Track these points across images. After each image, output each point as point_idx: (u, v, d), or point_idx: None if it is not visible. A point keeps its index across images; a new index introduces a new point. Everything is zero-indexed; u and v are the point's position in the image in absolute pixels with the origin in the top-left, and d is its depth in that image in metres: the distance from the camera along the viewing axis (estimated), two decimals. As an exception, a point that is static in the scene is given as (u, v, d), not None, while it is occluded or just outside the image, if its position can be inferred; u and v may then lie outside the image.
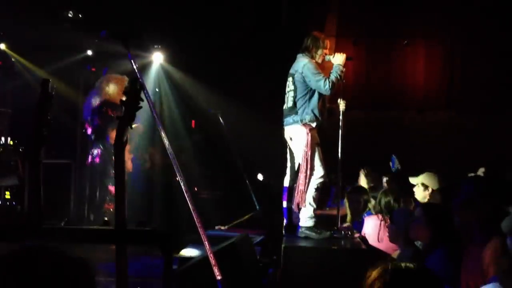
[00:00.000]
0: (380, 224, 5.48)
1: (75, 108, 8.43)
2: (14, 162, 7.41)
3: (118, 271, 2.68)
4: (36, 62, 8.15)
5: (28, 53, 8.06)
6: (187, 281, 4.69)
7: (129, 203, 2.89)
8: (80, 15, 6.97)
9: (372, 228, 5.50)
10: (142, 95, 3.19)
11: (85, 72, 8.32)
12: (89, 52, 7.72)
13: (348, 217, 6.40)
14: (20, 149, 7.59)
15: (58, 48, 7.70)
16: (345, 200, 6.42)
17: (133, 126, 3.08)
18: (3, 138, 7.64)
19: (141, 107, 3.34)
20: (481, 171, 6.46)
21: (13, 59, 8.36)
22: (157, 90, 8.50)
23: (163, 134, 4.83)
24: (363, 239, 5.47)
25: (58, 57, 7.70)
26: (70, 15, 6.90)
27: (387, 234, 5.23)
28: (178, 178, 4.42)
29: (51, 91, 3.39)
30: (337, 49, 6.33)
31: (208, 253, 4.26)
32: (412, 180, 5.94)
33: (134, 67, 4.57)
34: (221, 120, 7.22)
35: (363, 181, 7.15)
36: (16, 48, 8.24)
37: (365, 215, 6.07)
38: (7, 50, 8.34)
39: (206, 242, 4.31)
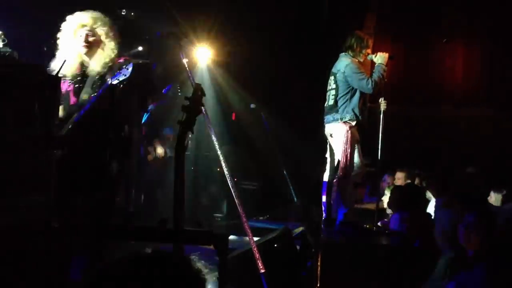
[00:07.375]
0: None
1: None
2: None
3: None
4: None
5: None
6: (230, 274, 4.83)
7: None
8: (132, 13, 7.20)
9: None
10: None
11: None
12: (140, 48, 7.99)
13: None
14: None
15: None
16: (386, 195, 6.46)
17: None
18: None
19: (201, 113, 3.51)
20: None
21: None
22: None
23: (212, 133, 5.02)
24: (402, 236, 5.58)
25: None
26: (123, 13, 7.13)
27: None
28: (223, 169, 4.57)
29: (118, 96, 3.57)
30: (375, 47, 6.32)
31: (252, 247, 4.43)
32: None
33: (186, 67, 4.77)
34: (262, 115, 7.39)
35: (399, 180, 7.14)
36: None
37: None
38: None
39: (250, 236, 4.48)
